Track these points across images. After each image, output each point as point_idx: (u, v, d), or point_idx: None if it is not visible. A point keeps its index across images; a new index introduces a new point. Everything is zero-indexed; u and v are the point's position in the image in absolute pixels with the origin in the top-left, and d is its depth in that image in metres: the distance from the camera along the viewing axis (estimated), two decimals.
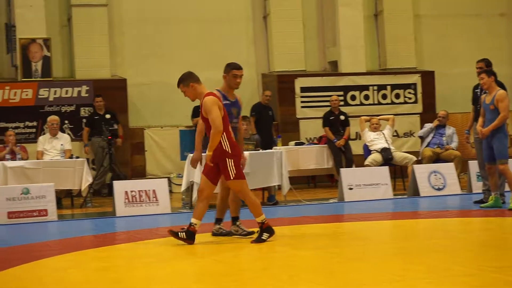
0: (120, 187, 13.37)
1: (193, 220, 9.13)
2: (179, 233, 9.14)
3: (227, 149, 9.06)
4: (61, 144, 15.10)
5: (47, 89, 17.39)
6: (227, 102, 9.48)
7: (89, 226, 12.43)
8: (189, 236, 9.11)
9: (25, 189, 12.83)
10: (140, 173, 17.94)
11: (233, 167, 9.05)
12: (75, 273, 7.79)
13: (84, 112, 17.51)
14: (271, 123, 17.60)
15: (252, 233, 9.49)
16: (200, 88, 9.19)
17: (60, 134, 15.54)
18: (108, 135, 15.48)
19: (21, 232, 11.51)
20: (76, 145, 16.55)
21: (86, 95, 17.60)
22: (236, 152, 9.16)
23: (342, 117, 17.25)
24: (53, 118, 15.58)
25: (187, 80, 9.21)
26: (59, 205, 14.05)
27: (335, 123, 17.12)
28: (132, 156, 18.06)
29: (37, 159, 15.02)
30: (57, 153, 15.03)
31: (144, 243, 9.78)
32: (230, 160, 9.06)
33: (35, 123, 17.31)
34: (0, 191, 12.84)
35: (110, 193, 14.38)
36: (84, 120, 17.34)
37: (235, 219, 9.77)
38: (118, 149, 16.93)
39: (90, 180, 14.55)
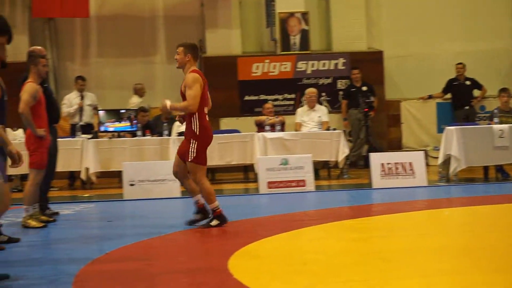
0: (376, 159, 13.36)
1: (211, 206, 8.96)
2: (211, 223, 8.91)
3: (195, 130, 8.83)
4: (319, 116, 15.33)
5: (305, 62, 17.74)
6: None
7: (346, 197, 12.56)
8: (220, 219, 8.94)
9: (284, 159, 13.16)
10: (396, 146, 17.85)
11: (194, 150, 8.82)
12: (332, 243, 7.90)
13: (340, 84, 17.69)
14: None
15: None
16: (191, 63, 9.03)
17: (317, 106, 15.78)
18: (364, 107, 15.51)
19: (280, 202, 11.83)
20: (333, 117, 16.74)
21: (343, 67, 17.76)
22: (203, 135, 8.85)
23: None
24: (311, 91, 15.84)
25: (190, 49, 9.07)
26: (316, 176, 14.30)
27: None
28: (388, 128, 18.02)
29: (295, 130, 15.37)
30: (314, 125, 15.27)
31: (400, 216, 9.72)
32: (194, 142, 8.83)
33: (293, 95, 17.74)
34: (260, 161, 13.29)
35: (366, 165, 14.43)
36: (341, 93, 17.51)
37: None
38: (374, 121, 16.92)
39: (347, 151, 14.69)
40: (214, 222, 8.92)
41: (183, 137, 8.43)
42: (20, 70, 9.82)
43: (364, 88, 16.89)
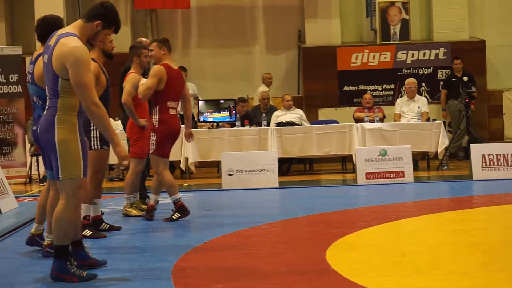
0: (477, 150, 13.12)
1: (173, 199, 9.06)
2: (173, 217, 8.98)
3: (155, 123, 8.97)
4: (418, 107, 15.14)
5: (405, 51, 17.55)
6: None
7: (445, 188, 12.39)
8: (181, 211, 8.97)
9: (382, 150, 13.07)
10: (497, 137, 17.51)
11: (154, 142, 8.96)
12: (431, 234, 7.82)
13: (441, 74, 17.44)
14: None
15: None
16: (166, 57, 9.08)
17: (417, 96, 15.57)
18: (465, 97, 15.23)
19: (379, 193, 11.76)
20: (432, 108, 16.52)
21: (444, 57, 17.50)
22: (162, 127, 8.91)
23: None
24: (411, 81, 15.64)
25: (163, 43, 9.13)
26: (415, 167, 14.15)
27: None
28: (489, 119, 17.68)
29: (394, 121, 15.22)
30: (414, 116, 15.09)
31: (502, 208, 9.54)
32: (153, 134, 8.95)
33: (392, 86, 17.58)
34: (358, 152, 13.23)
35: (467, 156, 14.19)
36: (441, 83, 17.26)
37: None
38: (475, 112, 16.61)
39: (447, 142, 14.47)
40: (176, 216, 9.02)
41: (282, 127, 8.49)
42: (123, 61, 10.04)
43: (465, 78, 16.57)
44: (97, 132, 7.86)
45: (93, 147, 7.86)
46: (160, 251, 7.17)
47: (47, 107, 5.85)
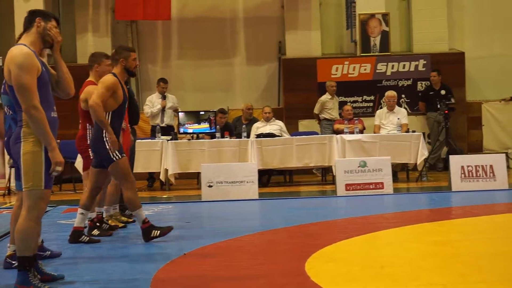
0: (456, 161, 13.18)
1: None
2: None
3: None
4: (398, 118, 15.19)
5: (385, 63, 17.61)
6: None
7: (425, 200, 12.42)
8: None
9: (362, 162, 13.09)
10: (476, 148, 17.59)
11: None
12: (411, 246, 7.83)
13: (420, 86, 17.52)
14: None
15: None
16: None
17: (397, 108, 15.63)
18: (445, 109, 15.29)
19: (359, 204, 11.76)
20: (412, 119, 16.58)
21: (423, 69, 17.57)
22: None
23: None
24: (391, 94, 15.67)
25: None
26: (395, 179, 14.18)
27: None
28: (468, 131, 17.76)
29: (374, 132, 15.27)
30: (393, 127, 15.14)
31: (481, 219, 9.57)
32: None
33: (372, 97, 17.63)
34: (338, 163, 13.25)
35: (446, 167, 14.25)
36: (420, 95, 17.33)
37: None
38: (454, 123, 16.68)
39: (426, 154, 14.52)
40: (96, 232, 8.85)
41: (262, 139, 8.41)
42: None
43: (443, 92, 16.64)
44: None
45: (114, 159, 7.91)
46: (139, 263, 7.13)
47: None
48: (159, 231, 8.23)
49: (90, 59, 9.20)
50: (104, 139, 8.02)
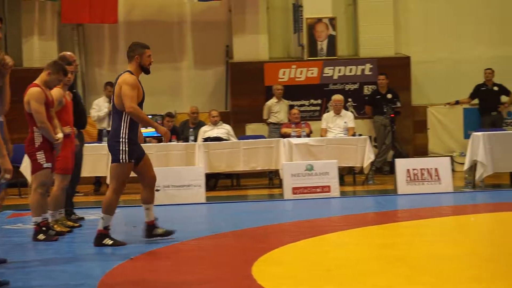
0: (402, 165, 13.32)
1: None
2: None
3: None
4: (345, 122, 15.30)
5: (332, 67, 17.71)
6: None
7: (371, 203, 12.53)
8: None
9: (309, 165, 13.16)
10: (422, 151, 17.77)
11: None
12: (357, 248, 7.90)
13: (367, 90, 17.64)
14: None
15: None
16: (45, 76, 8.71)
17: (343, 112, 15.74)
18: (391, 113, 15.45)
19: (305, 208, 11.82)
20: (359, 123, 16.70)
21: (370, 73, 17.71)
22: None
23: None
24: (337, 98, 15.76)
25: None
26: (341, 182, 14.27)
27: None
28: (414, 134, 17.94)
29: (321, 136, 15.35)
30: (340, 131, 15.24)
31: (426, 222, 9.69)
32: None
33: (319, 101, 17.71)
34: (285, 167, 13.29)
35: (392, 170, 14.39)
36: (366, 98, 17.46)
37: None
38: (400, 127, 16.84)
39: (372, 157, 14.64)
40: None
41: (209, 142, 8.45)
42: None
43: (389, 96, 16.78)
44: (126, 146, 7.83)
45: (121, 161, 7.82)
46: (85, 268, 7.07)
47: None
48: (112, 242, 8.14)
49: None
50: (121, 139, 7.98)
